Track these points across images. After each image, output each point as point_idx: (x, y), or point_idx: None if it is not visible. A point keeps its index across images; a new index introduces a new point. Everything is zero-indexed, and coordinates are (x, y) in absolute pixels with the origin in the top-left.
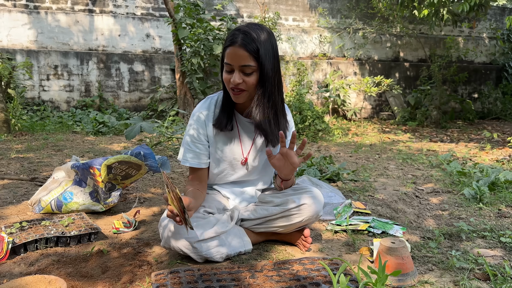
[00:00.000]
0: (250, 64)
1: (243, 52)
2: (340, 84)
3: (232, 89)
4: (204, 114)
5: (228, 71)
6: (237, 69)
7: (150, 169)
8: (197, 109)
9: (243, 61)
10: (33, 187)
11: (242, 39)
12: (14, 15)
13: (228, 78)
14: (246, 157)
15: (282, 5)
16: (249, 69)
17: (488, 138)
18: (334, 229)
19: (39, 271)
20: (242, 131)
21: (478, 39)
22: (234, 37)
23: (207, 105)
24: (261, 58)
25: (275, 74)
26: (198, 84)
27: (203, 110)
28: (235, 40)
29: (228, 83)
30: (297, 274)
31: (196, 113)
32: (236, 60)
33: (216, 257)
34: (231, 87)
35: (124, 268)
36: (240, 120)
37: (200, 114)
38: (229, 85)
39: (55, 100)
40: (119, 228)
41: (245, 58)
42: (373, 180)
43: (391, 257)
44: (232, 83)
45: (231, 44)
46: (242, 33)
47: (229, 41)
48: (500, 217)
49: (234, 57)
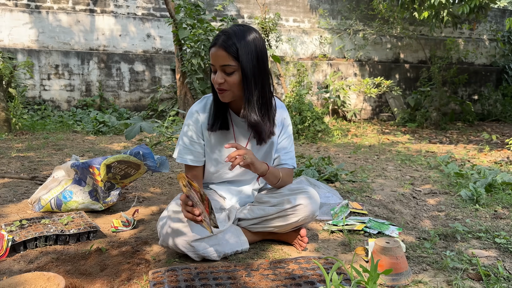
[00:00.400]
0: (230, 63)
1: (222, 52)
2: (340, 85)
3: (217, 89)
4: (200, 114)
5: (213, 72)
6: (218, 69)
7: (149, 169)
8: (194, 108)
9: (222, 61)
10: (33, 185)
11: (222, 40)
12: (16, 15)
13: (213, 78)
14: None
15: (282, 6)
16: (229, 68)
17: (487, 140)
18: (331, 229)
19: (38, 269)
20: (237, 130)
21: (478, 41)
22: (217, 39)
23: (203, 105)
24: (240, 58)
25: (260, 73)
26: (198, 84)
27: (199, 109)
28: (217, 41)
29: (214, 83)
30: (293, 273)
31: (192, 112)
32: (216, 60)
33: (213, 255)
34: (216, 87)
35: (122, 266)
36: (235, 120)
37: (196, 113)
38: (215, 85)
39: (55, 100)
40: (118, 227)
41: (224, 58)
42: (371, 181)
43: (385, 257)
44: (215, 83)
45: (213, 45)
46: (224, 34)
47: (212, 42)
48: (495, 218)
49: (215, 57)
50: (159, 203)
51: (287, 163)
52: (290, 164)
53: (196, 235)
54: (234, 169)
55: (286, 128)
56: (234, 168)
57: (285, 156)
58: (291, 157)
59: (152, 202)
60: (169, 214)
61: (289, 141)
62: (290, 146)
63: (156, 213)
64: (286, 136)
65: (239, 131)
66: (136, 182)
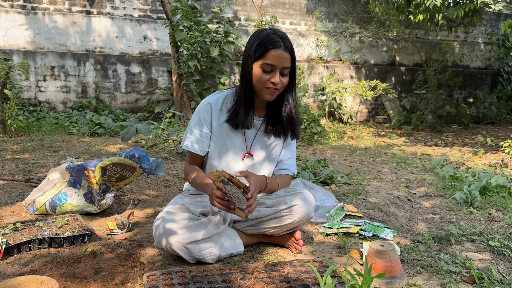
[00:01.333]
0: (289, 66)
1: (288, 56)
2: (336, 88)
3: (268, 88)
4: (212, 105)
5: (267, 72)
6: (279, 70)
7: (144, 171)
8: (206, 99)
9: (286, 63)
10: (28, 188)
11: (285, 43)
12: (12, 16)
13: (265, 78)
14: (250, 152)
15: (279, 9)
16: (287, 70)
17: (481, 142)
18: (326, 231)
19: (32, 272)
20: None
21: (473, 44)
22: (276, 41)
23: (217, 98)
24: (294, 61)
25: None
26: (194, 86)
27: (212, 101)
28: (279, 43)
29: (264, 82)
30: (288, 276)
31: (204, 103)
32: (281, 61)
33: (208, 258)
34: (268, 86)
35: (116, 269)
36: None
37: (207, 104)
38: (266, 84)
39: (51, 101)
40: (113, 230)
41: (288, 61)
42: (367, 183)
43: (379, 260)
44: (272, 83)
45: (276, 47)
46: (281, 37)
47: (272, 43)
48: (490, 221)
49: (280, 59)
50: (155, 206)
51: (289, 168)
52: (291, 170)
53: (191, 237)
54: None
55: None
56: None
57: (288, 162)
58: (293, 164)
59: (148, 205)
60: (164, 216)
61: (293, 148)
62: (293, 152)
63: (152, 216)
64: (289, 142)
65: (249, 130)
66: (132, 185)
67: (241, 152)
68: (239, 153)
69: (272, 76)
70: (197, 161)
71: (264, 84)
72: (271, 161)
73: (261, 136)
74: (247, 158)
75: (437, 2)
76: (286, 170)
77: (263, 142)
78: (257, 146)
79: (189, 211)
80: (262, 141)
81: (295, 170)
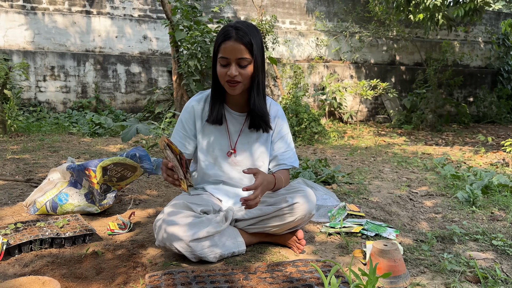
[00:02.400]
0: (246, 56)
1: (239, 46)
2: (336, 87)
3: (228, 82)
4: (195, 105)
5: (223, 65)
6: (233, 62)
7: (145, 171)
8: (189, 101)
9: (239, 54)
10: (29, 188)
11: (236, 34)
12: (11, 16)
13: (223, 72)
14: (234, 148)
15: (279, 8)
16: (245, 61)
17: (482, 141)
18: (328, 231)
19: (34, 272)
20: (230, 123)
21: (473, 43)
22: (228, 32)
23: (200, 98)
24: (254, 51)
25: (264, 67)
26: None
27: (194, 102)
28: (230, 34)
29: (223, 76)
30: (291, 276)
31: (188, 105)
32: (233, 53)
33: (210, 256)
34: (227, 80)
35: (118, 269)
36: (229, 114)
37: (191, 105)
38: (225, 78)
39: (51, 101)
40: (114, 230)
41: (241, 51)
42: (368, 183)
43: (383, 260)
44: (229, 76)
45: (227, 39)
46: (235, 28)
47: (223, 36)
48: (492, 220)
49: (231, 50)
50: (156, 206)
51: (285, 163)
52: (288, 164)
53: (193, 234)
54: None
55: (281, 127)
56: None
57: (283, 156)
58: (290, 156)
59: (149, 205)
60: (165, 214)
61: (286, 140)
62: (288, 144)
63: (153, 216)
64: (281, 135)
65: (231, 125)
66: (133, 185)
67: (226, 148)
68: (225, 150)
69: (229, 69)
70: None
71: (223, 78)
72: (259, 157)
73: (246, 132)
74: (233, 154)
75: (437, 1)
76: (283, 165)
77: (249, 138)
78: (242, 142)
79: (190, 210)
80: (247, 137)
81: (294, 163)
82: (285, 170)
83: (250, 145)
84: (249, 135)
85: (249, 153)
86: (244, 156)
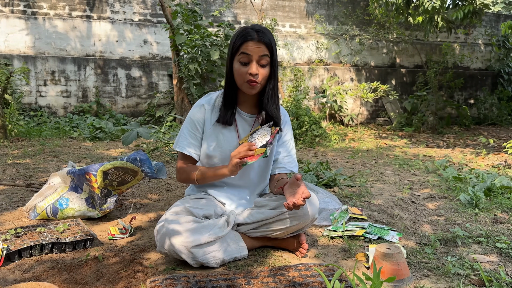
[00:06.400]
0: (267, 54)
1: (262, 46)
2: (337, 90)
3: (248, 82)
4: (205, 106)
5: (244, 64)
6: (255, 60)
7: (146, 175)
8: (199, 101)
9: (262, 52)
10: (29, 193)
11: (258, 34)
12: (12, 21)
13: (244, 71)
14: None
15: (279, 12)
16: (265, 60)
17: (484, 143)
18: (331, 235)
19: (34, 278)
20: (240, 125)
21: (473, 45)
22: (249, 33)
23: (209, 99)
24: (273, 52)
25: (277, 69)
26: (195, 89)
27: (205, 102)
28: (252, 35)
29: (243, 75)
30: (293, 280)
31: (198, 104)
32: (255, 51)
33: (211, 262)
34: (247, 80)
35: (119, 274)
36: (239, 115)
37: (201, 104)
38: (245, 77)
39: (52, 106)
40: (115, 234)
41: (263, 50)
42: (370, 185)
43: (386, 263)
44: (249, 75)
45: (249, 39)
46: (255, 30)
47: (244, 36)
48: (495, 223)
49: (254, 48)
50: (157, 210)
51: (285, 167)
52: (287, 168)
53: (195, 240)
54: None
55: (286, 132)
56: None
57: (284, 160)
58: (290, 161)
59: (150, 209)
60: (167, 219)
61: (288, 145)
62: (290, 150)
63: (154, 220)
64: (284, 140)
65: (241, 126)
66: (133, 189)
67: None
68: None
69: (249, 67)
70: (189, 161)
71: (243, 78)
72: (266, 159)
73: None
74: None
75: (436, 4)
76: (283, 169)
77: None
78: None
79: (192, 214)
80: None
81: (294, 168)
82: (283, 174)
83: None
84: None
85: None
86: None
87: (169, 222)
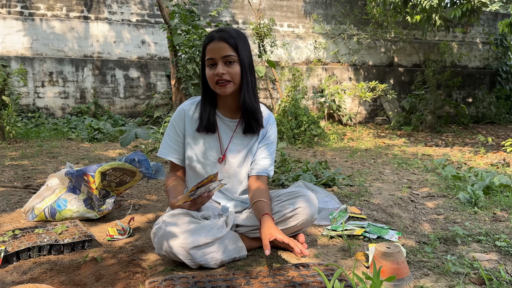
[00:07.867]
0: (231, 53)
1: (223, 44)
2: (335, 90)
3: (217, 83)
4: (186, 110)
5: (211, 66)
6: (219, 60)
7: (144, 176)
8: (180, 106)
9: (224, 52)
10: (27, 194)
11: (219, 35)
12: (9, 22)
13: (212, 73)
14: (224, 155)
15: (277, 12)
16: (230, 58)
17: (482, 142)
18: (330, 234)
19: (32, 280)
20: (221, 130)
21: (471, 44)
22: (211, 35)
23: (191, 103)
24: (239, 49)
25: (251, 64)
26: (193, 90)
27: (186, 106)
28: (213, 36)
29: (212, 78)
30: (293, 280)
31: (178, 109)
32: (217, 52)
33: (210, 263)
34: (216, 80)
35: (118, 275)
36: (220, 120)
37: (182, 109)
38: (214, 79)
39: (50, 107)
40: (113, 236)
41: (226, 49)
42: (369, 185)
43: (386, 262)
44: (217, 75)
45: (211, 41)
46: (217, 31)
47: (207, 39)
48: (495, 221)
49: (216, 49)
50: (155, 211)
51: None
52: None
53: (194, 241)
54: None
55: (270, 134)
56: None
57: (260, 162)
58: (266, 164)
59: (148, 210)
60: (164, 222)
61: (270, 148)
62: (270, 153)
63: (152, 221)
64: (268, 142)
65: (222, 131)
66: (132, 190)
67: (217, 155)
68: (216, 157)
69: (216, 69)
70: (176, 167)
71: (213, 80)
72: (246, 164)
73: (238, 137)
74: (224, 161)
75: (434, 2)
76: (259, 172)
77: (240, 144)
78: (233, 149)
79: (190, 216)
80: (239, 143)
81: (270, 172)
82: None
83: (241, 151)
84: (241, 141)
85: (240, 159)
86: (234, 162)
87: (167, 224)
